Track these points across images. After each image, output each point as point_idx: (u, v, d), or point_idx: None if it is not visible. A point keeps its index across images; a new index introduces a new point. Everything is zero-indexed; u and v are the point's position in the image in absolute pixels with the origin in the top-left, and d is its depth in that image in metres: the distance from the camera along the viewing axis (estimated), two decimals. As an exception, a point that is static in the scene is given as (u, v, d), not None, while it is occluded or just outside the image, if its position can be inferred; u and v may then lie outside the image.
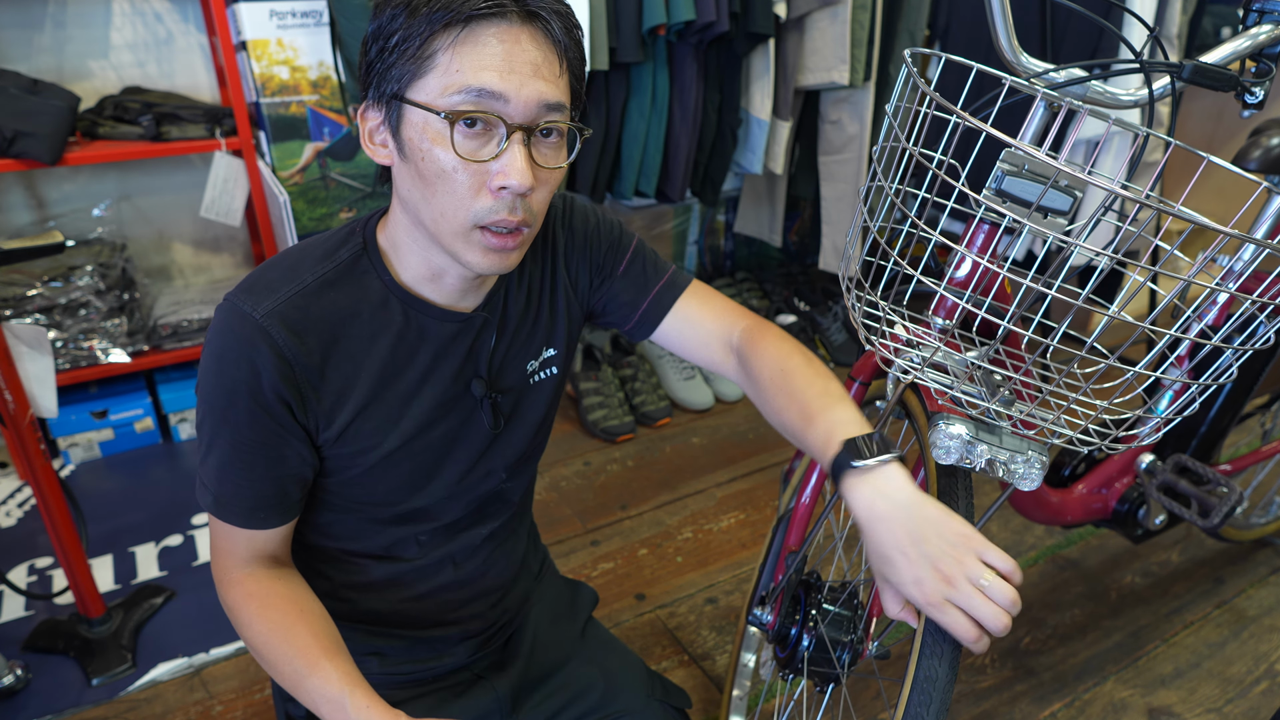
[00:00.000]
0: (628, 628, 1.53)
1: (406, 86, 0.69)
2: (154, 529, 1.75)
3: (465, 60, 0.67)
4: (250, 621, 0.80)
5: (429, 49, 0.68)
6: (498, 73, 0.67)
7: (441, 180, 0.70)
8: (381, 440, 0.81)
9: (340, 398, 0.78)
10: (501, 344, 0.87)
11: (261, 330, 0.73)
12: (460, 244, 0.73)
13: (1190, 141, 2.86)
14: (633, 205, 2.51)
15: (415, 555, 0.91)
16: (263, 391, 0.74)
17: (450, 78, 0.67)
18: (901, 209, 0.83)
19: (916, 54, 0.86)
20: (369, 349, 0.79)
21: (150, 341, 1.96)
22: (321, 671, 0.77)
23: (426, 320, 0.81)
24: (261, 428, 0.75)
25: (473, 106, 0.68)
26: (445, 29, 0.67)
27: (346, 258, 0.79)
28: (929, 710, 0.81)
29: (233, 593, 0.81)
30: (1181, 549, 1.77)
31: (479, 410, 0.86)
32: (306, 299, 0.75)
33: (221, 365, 0.73)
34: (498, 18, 0.68)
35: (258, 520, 0.79)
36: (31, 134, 1.61)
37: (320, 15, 1.77)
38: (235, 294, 0.75)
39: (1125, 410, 1.36)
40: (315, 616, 0.81)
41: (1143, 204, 0.65)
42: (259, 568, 0.83)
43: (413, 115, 0.70)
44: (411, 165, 0.71)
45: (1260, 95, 0.87)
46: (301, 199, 1.88)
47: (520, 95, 0.68)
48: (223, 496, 0.78)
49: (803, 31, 2.04)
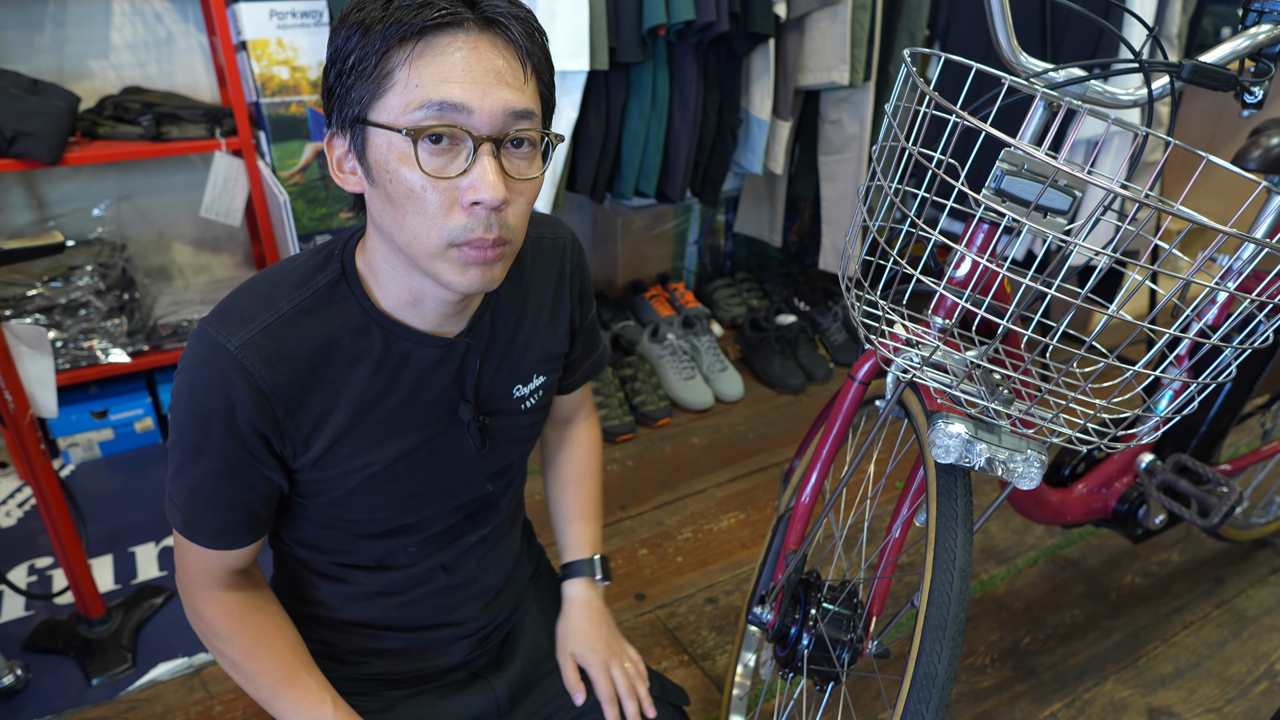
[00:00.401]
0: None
1: (368, 108, 0.67)
2: (154, 529, 1.75)
3: (424, 74, 0.65)
4: (230, 635, 0.82)
5: (386, 66, 0.65)
6: (459, 84, 0.65)
7: (411, 201, 0.67)
8: (363, 464, 0.80)
9: (319, 424, 0.76)
10: (488, 368, 0.85)
11: (236, 363, 0.71)
12: (438, 264, 0.70)
13: (1190, 141, 2.86)
14: (633, 205, 2.51)
15: (406, 564, 0.90)
16: (236, 424, 0.72)
17: (410, 93, 0.65)
18: (901, 209, 0.83)
19: (916, 54, 0.86)
20: (348, 376, 0.77)
21: (150, 341, 1.96)
22: (300, 684, 0.82)
23: (408, 346, 0.79)
24: (233, 458, 0.74)
25: (435, 121, 0.65)
26: (401, 43, 0.64)
27: (324, 284, 0.76)
28: (928, 709, 0.81)
29: (209, 609, 0.82)
30: (1181, 549, 1.77)
31: (464, 433, 0.85)
32: (283, 329, 0.73)
33: (194, 394, 0.72)
34: (453, 27, 0.65)
35: (226, 542, 0.80)
36: (31, 134, 1.61)
37: (320, 15, 1.77)
38: (209, 322, 0.73)
39: (1125, 409, 1.36)
40: (289, 632, 0.86)
41: (1142, 203, 0.66)
42: (232, 582, 0.83)
43: (376, 137, 0.67)
44: (380, 189, 0.69)
45: (1260, 95, 0.87)
46: (301, 199, 1.88)
47: (484, 105, 0.66)
48: (191, 518, 0.78)
49: (803, 31, 2.04)
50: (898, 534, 0.99)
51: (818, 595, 1.03)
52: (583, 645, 1.00)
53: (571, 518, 1.06)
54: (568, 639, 1.01)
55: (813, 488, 1.10)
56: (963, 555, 0.84)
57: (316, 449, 0.77)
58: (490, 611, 0.98)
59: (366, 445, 0.79)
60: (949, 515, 0.86)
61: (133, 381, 2.04)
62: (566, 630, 1.02)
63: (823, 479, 1.11)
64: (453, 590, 0.94)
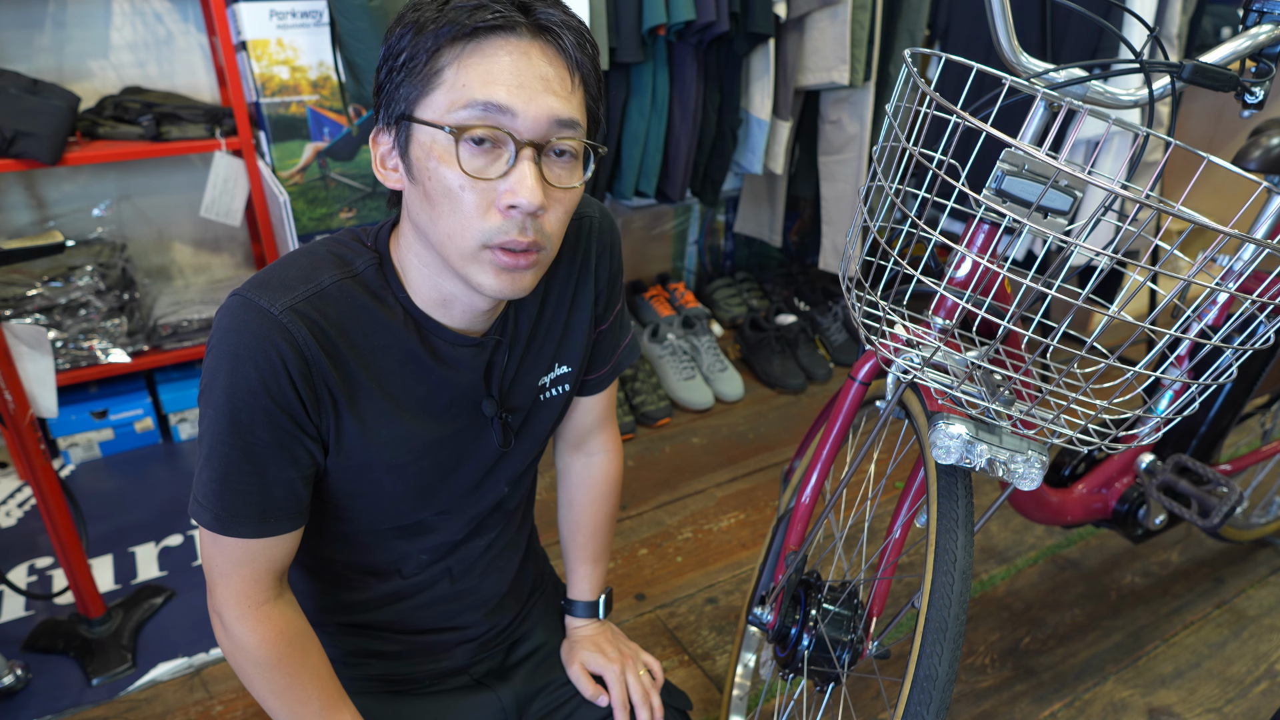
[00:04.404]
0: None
1: (414, 105, 0.68)
2: (154, 529, 1.75)
3: (472, 74, 0.65)
4: (278, 661, 0.78)
5: (435, 64, 0.66)
6: (506, 87, 0.66)
7: (448, 199, 0.68)
8: (390, 454, 0.79)
9: (352, 403, 0.75)
10: (513, 362, 0.85)
11: (280, 326, 0.69)
12: (470, 265, 0.70)
13: (1190, 141, 2.86)
14: (633, 205, 2.51)
15: (415, 571, 0.90)
16: (283, 389, 0.70)
17: (457, 93, 0.66)
18: (901, 209, 0.83)
19: (916, 54, 0.86)
20: (381, 362, 0.76)
21: (150, 341, 1.96)
22: (338, 715, 0.82)
23: (438, 342, 0.79)
24: (277, 427, 0.71)
25: (479, 121, 0.66)
26: (452, 43, 0.65)
27: (363, 269, 0.76)
28: (929, 710, 0.81)
29: (253, 634, 0.76)
30: (1181, 549, 1.77)
31: (488, 428, 0.85)
32: (324, 301, 0.72)
33: (237, 364, 0.69)
34: (506, 30, 0.66)
35: (270, 527, 0.74)
36: (31, 134, 1.61)
37: (320, 15, 1.77)
38: (248, 289, 0.71)
39: (1125, 410, 1.36)
40: (326, 659, 0.84)
41: (1143, 204, 0.65)
42: (273, 593, 0.78)
43: (420, 134, 0.68)
44: (420, 186, 0.70)
45: (1260, 95, 0.87)
46: (301, 199, 1.88)
47: (529, 110, 0.66)
48: (229, 507, 0.73)
49: (803, 31, 2.04)
50: (898, 535, 0.99)
51: (818, 596, 1.03)
52: (593, 652, 1.01)
53: (582, 559, 1.07)
54: (574, 650, 1.02)
55: (813, 488, 1.10)
56: (963, 556, 0.84)
57: (348, 429, 0.76)
58: (493, 617, 0.98)
59: (395, 432, 0.79)
60: (949, 516, 0.86)
61: (133, 381, 2.04)
62: (572, 643, 1.04)
63: (823, 479, 1.11)
64: (457, 596, 0.94)
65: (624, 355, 1.00)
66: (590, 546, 1.06)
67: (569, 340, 0.90)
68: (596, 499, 1.05)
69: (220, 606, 0.77)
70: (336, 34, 1.71)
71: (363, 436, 0.77)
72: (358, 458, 0.78)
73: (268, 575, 0.77)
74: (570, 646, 1.03)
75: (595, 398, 1.00)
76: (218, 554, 0.76)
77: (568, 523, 1.07)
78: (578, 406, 1.01)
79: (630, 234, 2.61)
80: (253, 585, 0.77)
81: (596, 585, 1.07)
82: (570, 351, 0.90)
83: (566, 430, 1.03)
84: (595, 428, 1.03)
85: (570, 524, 1.07)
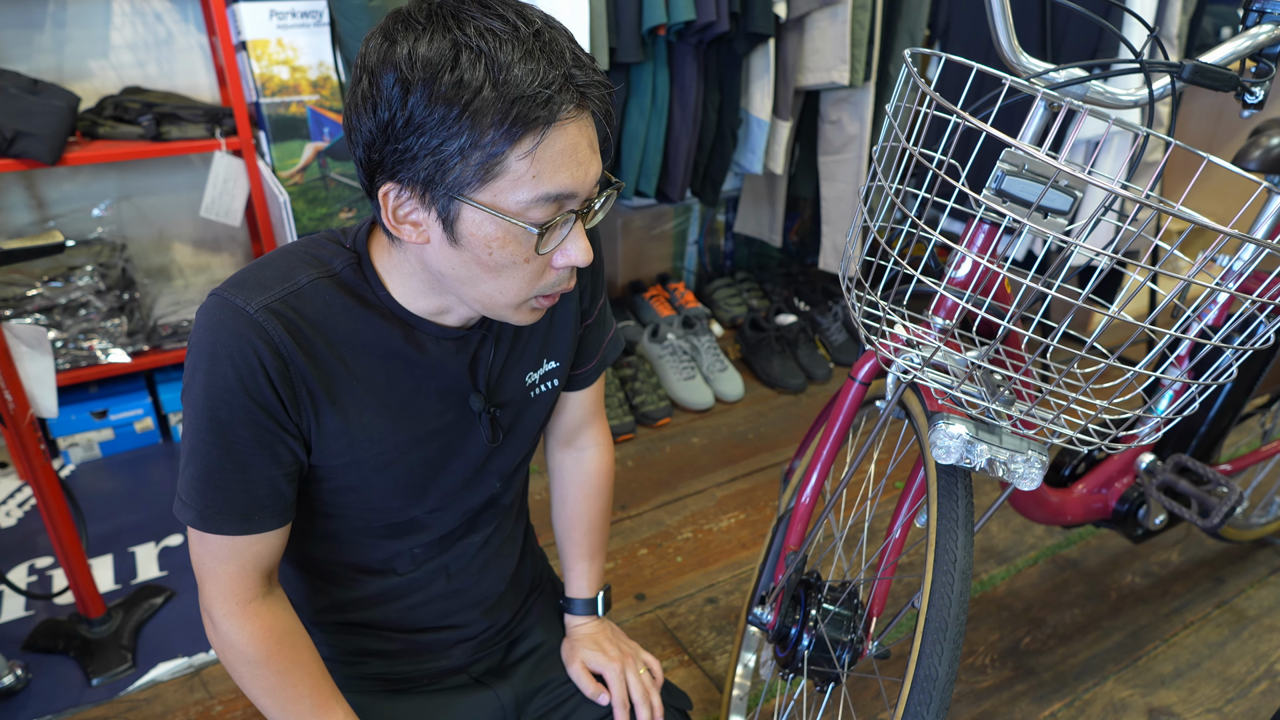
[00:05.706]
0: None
1: (469, 189, 0.66)
2: (154, 529, 1.75)
3: (541, 166, 0.65)
4: (266, 660, 0.78)
5: (501, 156, 0.64)
6: (568, 171, 0.67)
7: (510, 270, 0.70)
8: (374, 451, 0.79)
9: (333, 401, 0.75)
10: (499, 356, 0.85)
11: (256, 325, 0.70)
12: (508, 312, 0.74)
13: (1190, 141, 2.86)
14: (632, 205, 2.51)
15: (409, 568, 0.90)
16: (260, 387, 0.70)
17: (524, 186, 0.65)
18: (901, 209, 0.83)
19: (916, 54, 0.86)
20: (362, 358, 0.76)
21: (150, 341, 1.96)
22: (330, 713, 0.81)
23: (422, 337, 0.79)
24: (256, 425, 0.72)
25: (553, 213, 0.68)
26: (523, 139, 0.64)
27: (341, 269, 0.76)
28: (929, 710, 0.81)
29: (241, 631, 0.77)
30: (1181, 549, 1.77)
31: (476, 424, 0.85)
32: (300, 300, 0.73)
33: (214, 362, 0.69)
34: (569, 112, 0.66)
35: (254, 524, 0.75)
36: (31, 134, 1.61)
37: (320, 15, 1.77)
38: (224, 289, 0.72)
39: (1125, 410, 1.36)
40: (317, 656, 0.83)
41: (1143, 204, 0.66)
42: (261, 591, 0.78)
43: (476, 213, 0.67)
44: (468, 254, 0.69)
45: (1260, 95, 0.87)
46: (301, 199, 1.88)
47: (585, 183, 0.69)
48: (211, 504, 0.73)
49: (803, 31, 2.04)
50: (898, 535, 0.99)
51: (818, 596, 1.03)
52: (594, 650, 1.01)
53: (579, 556, 1.07)
54: (575, 648, 1.02)
55: (813, 488, 1.10)
56: (963, 556, 0.84)
57: (330, 427, 0.76)
58: (492, 615, 0.98)
59: (379, 429, 0.79)
60: (950, 516, 0.86)
61: (133, 381, 2.04)
62: (572, 642, 1.04)
63: (823, 479, 1.11)
64: (454, 594, 0.94)
65: (609, 349, 1.01)
66: (586, 543, 1.06)
67: (555, 336, 0.90)
68: (590, 494, 1.05)
69: (209, 604, 0.78)
70: (336, 34, 1.71)
71: (347, 434, 0.77)
72: (343, 455, 0.78)
73: (255, 573, 0.78)
74: (571, 645, 1.03)
75: (584, 392, 1.01)
76: (204, 552, 0.76)
77: (562, 520, 1.07)
78: (567, 402, 1.01)
79: (630, 234, 2.61)
80: (240, 583, 0.77)
81: (594, 582, 1.07)
82: (557, 347, 0.91)
83: (556, 427, 1.03)
84: (585, 423, 1.04)
85: (565, 521, 1.07)
